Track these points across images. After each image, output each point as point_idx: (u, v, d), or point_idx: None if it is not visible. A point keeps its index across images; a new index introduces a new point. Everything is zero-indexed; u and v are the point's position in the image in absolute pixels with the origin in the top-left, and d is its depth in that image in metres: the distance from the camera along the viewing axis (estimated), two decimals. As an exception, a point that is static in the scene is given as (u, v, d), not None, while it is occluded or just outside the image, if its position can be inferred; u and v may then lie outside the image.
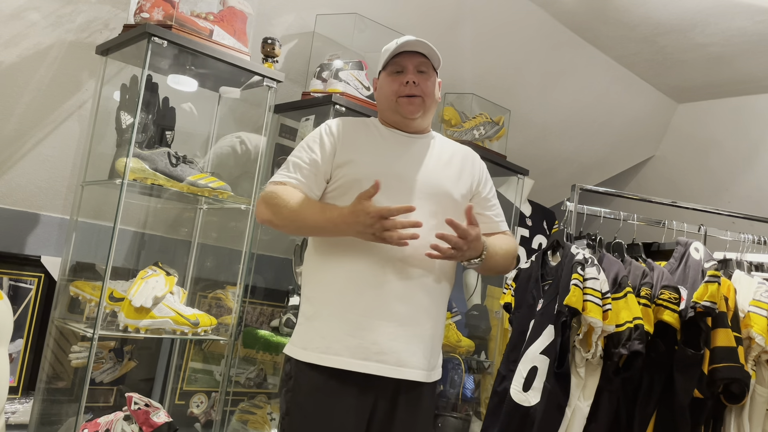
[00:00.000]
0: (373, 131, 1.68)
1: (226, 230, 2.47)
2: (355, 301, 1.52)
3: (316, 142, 1.62)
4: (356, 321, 1.51)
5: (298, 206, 1.53)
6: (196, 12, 2.05)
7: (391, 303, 1.53)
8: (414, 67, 1.63)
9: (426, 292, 1.58)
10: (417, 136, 1.69)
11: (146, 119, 1.97)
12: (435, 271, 1.60)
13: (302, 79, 2.56)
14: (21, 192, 2.18)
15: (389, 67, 1.65)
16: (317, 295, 1.58)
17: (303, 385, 1.53)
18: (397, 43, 1.63)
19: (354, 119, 1.72)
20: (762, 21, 2.75)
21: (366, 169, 1.57)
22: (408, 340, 1.53)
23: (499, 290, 3.05)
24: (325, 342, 1.52)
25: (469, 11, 2.82)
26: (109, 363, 2.27)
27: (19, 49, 2.00)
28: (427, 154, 1.67)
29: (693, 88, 3.56)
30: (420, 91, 1.63)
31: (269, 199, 1.57)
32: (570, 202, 2.31)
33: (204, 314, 2.08)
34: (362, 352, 1.50)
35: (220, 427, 2.27)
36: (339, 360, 1.50)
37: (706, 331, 1.94)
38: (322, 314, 1.55)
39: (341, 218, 1.48)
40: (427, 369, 1.58)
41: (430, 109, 1.68)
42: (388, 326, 1.52)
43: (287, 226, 1.59)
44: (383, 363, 1.51)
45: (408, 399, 1.56)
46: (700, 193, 3.82)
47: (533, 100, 3.35)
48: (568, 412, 1.91)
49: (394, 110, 1.65)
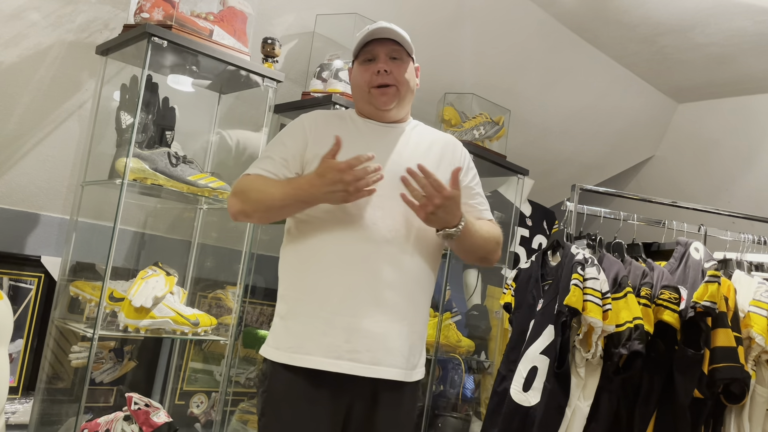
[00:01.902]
0: (348, 124, 1.63)
1: (226, 230, 2.47)
2: (327, 298, 1.47)
3: (288, 136, 1.60)
4: (328, 319, 1.46)
5: (264, 186, 1.50)
6: (196, 12, 2.05)
7: (364, 299, 1.47)
8: (386, 55, 1.57)
9: (402, 288, 1.52)
10: (394, 125, 1.64)
11: (146, 119, 1.97)
12: (413, 267, 1.54)
13: (302, 79, 2.56)
14: (21, 192, 2.18)
15: (361, 55, 1.60)
16: (290, 294, 1.54)
17: (278, 386, 1.49)
18: (368, 30, 1.58)
19: (330, 112, 1.69)
20: (762, 21, 2.74)
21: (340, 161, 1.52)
22: (383, 337, 1.47)
23: (499, 290, 3.05)
24: (298, 341, 1.47)
25: (469, 11, 2.82)
26: (109, 363, 2.27)
27: (19, 49, 2.00)
28: (403, 143, 1.61)
29: (693, 88, 3.56)
30: (393, 79, 1.57)
31: (237, 190, 1.53)
32: (570, 202, 2.31)
33: (204, 314, 2.08)
34: (334, 351, 1.45)
35: (220, 427, 2.27)
36: (311, 359, 1.45)
37: (706, 331, 1.95)
38: (295, 313, 1.51)
39: (308, 181, 1.44)
40: (405, 368, 1.52)
41: (405, 97, 1.61)
42: (362, 323, 1.46)
43: (257, 209, 1.52)
44: (357, 362, 1.45)
45: (387, 400, 1.50)
46: (700, 193, 3.81)
47: (533, 100, 3.35)
48: (568, 412, 1.91)
49: (367, 101, 1.60)
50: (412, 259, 1.53)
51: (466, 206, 1.63)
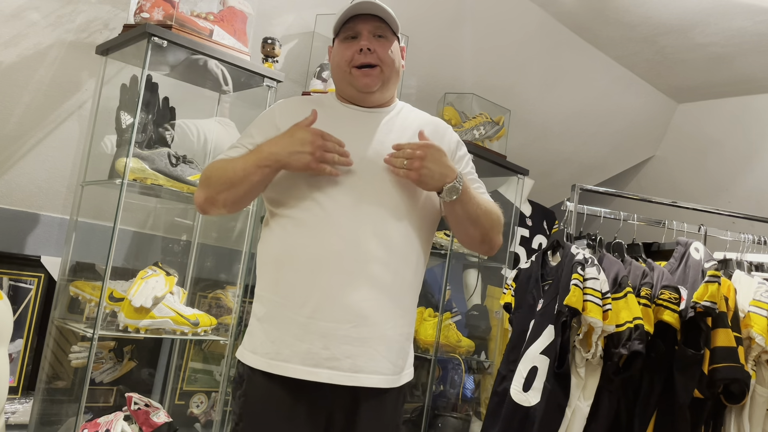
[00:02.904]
0: (327, 111, 1.48)
1: (226, 230, 2.47)
2: (304, 301, 1.36)
3: (256, 126, 1.50)
4: (305, 323, 1.35)
5: (226, 164, 1.40)
6: (196, 12, 2.05)
7: (343, 302, 1.35)
8: (369, 33, 1.45)
9: (387, 288, 1.40)
10: (377, 110, 1.52)
11: (146, 119, 1.97)
12: (399, 265, 1.42)
13: (302, 79, 2.56)
14: (21, 192, 2.18)
15: (342, 32, 1.48)
16: (266, 294, 1.43)
17: (254, 391, 1.40)
18: (351, 3, 1.45)
19: (306, 98, 1.58)
20: (762, 21, 2.74)
21: None
22: (364, 342, 1.36)
23: (499, 290, 3.05)
24: (275, 347, 1.37)
25: (469, 11, 2.82)
26: (109, 363, 2.27)
27: (19, 49, 2.00)
28: (387, 130, 1.48)
29: (693, 88, 3.56)
30: (376, 59, 1.44)
31: (200, 180, 1.45)
32: (570, 202, 2.31)
33: (204, 314, 2.08)
34: (312, 359, 1.34)
35: (220, 427, 2.27)
36: (288, 367, 1.35)
37: (706, 331, 1.95)
38: (271, 316, 1.40)
39: (273, 142, 1.36)
40: (390, 373, 1.41)
41: (390, 79, 1.49)
42: (340, 328, 1.35)
43: (221, 190, 1.40)
44: (335, 370, 1.34)
45: (368, 408, 1.39)
46: (700, 193, 3.82)
47: (533, 100, 3.35)
48: (568, 412, 1.91)
49: (348, 82, 1.48)
50: (397, 257, 1.42)
51: None
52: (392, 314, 1.41)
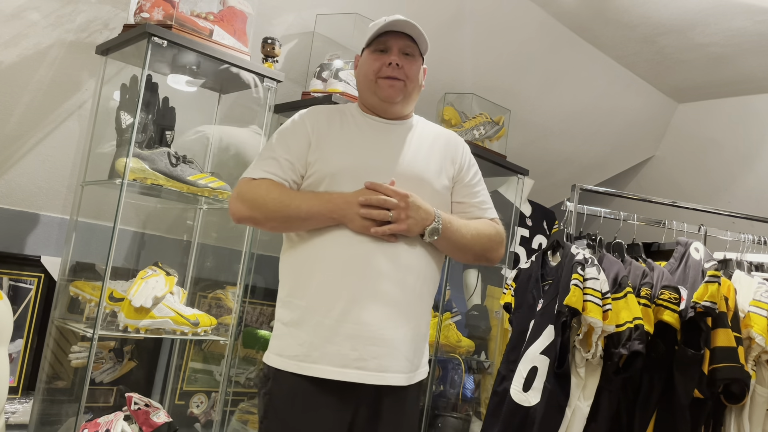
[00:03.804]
0: (349, 120, 1.58)
1: (226, 230, 2.47)
2: (332, 305, 1.44)
3: (291, 137, 1.55)
4: (333, 326, 1.43)
5: (283, 196, 1.47)
6: (196, 12, 2.05)
7: (369, 306, 1.44)
8: (399, 49, 1.55)
9: (406, 291, 1.49)
10: (396, 122, 1.61)
11: (146, 119, 1.97)
12: (418, 267, 1.52)
13: (302, 79, 2.56)
14: (21, 192, 2.18)
15: (373, 44, 1.57)
16: (293, 300, 1.50)
17: (281, 390, 1.47)
18: (386, 21, 1.54)
19: (329, 108, 1.64)
20: (762, 21, 2.74)
21: (341, 163, 1.51)
22: (388, 343, 1.45)
23: (499, 290, 3.05)
24: (303, 349, 1.45)
25: (469, 11, 2.82)
26: (109, 363, 2.27)
27: (19, 49, 2.00)
28: (405, 142, 1.58)
29: (693, 88, 3.56)
30: (403, 74, 1.54)
31: (247, 196, 1.49)
32: (570, 202, 2.31)
33: (204, 314, 2.08)
34: (341, 360, 1.43)
35: (220, 427, 2.27)
36: (317, 368, 1.43)
37: (706, 331, 1.95)
38: (299, 320, 1.47)
39: (345, 200, 1.45)
40: (409, 371, 1.50)
41: (411, 94, 1.59)
42: (367, 330, 1.44)
43: (273, 219, 1.48)
44: (363, 370, 1.43)
45: (390, 404, 1.48)
46: (700, 193, 3.82)
47: (533, 100, 3.35)
48: (568, 412, 1.91)
49: (372, 91, 1.57)
50: (417, 260, 1.52)
51: (464, 205, 1.63)
52: (414, 315, 1.51)
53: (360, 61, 1.62)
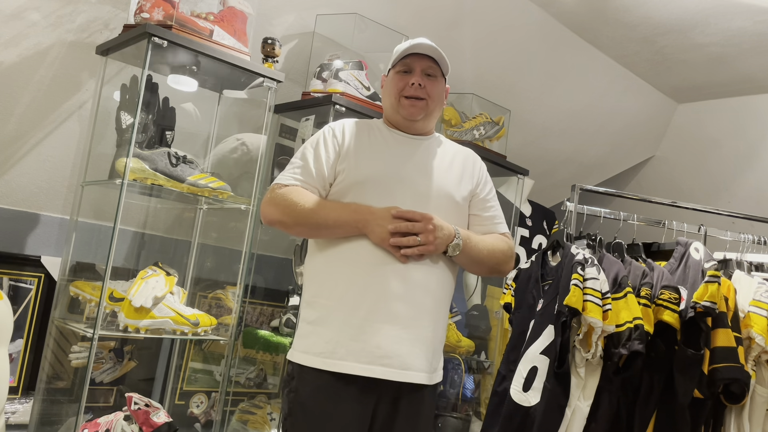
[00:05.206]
0: (376, 134, 1.69)
1: (226, 230, 2.47)
2: (357, 304, 1.52)
3: (320, 145, 1.64)
4: (359, 325, 1.51)
5: (313, 204, 1.55)
6: (196, 12, 2.05)
7: (393, 306, 1.53)
8: (422, 70, 1.65)
9: (428, 293, 1.58)
10: (420, 138, 1.71)
11: (146, 119, 1.97)
12: (436, 272, 1.61)
13: (302, 79, 2.56)
14: (21, 192, 2.18)
15: (398, 66, 1.67)
16: (319, 300, 1.58)
17: (305, 386, 1.53)
18: (410, 44, 1.66)
19: (358, 121, 1.72)
20: (762, 21, 2.75)
21: (368, 172, 1.60)
22: (411, 342, 1.53)
23: (499, 290, 3.05)
24: (329, 347, 1.52)
25: (469, 11, 2.82)
26: (109, 363, 2.27)
27: (19, 49, 2.00)
28: (429, 156, 1.68)
29: (693, 88, 3.56)
30: (425, 93, 1.64)
31: (279, 200, 1.57)
32: (570, 202, 2.31)
33: (204, 314, 2.08)
34: (366, 356, 1.50)
35: (220, 427, 2.27)
36: (343, 365, 1.50)
37: (706, 332, 1.94)
38: (325, 319, 1.55)
39: (371, 211, 1.53)
40: (429, 371, 1.58)
41: (433, 112, 1.69)
42: (392, 329, 1.52)
43: (302, 225, 1.57)
44: (387, 366, 1.51)
45: (409, 402, 1.56)
46: (700, 193, 3.82)
47: (533, 100, 3.35)
48: (568, 412, 1.90)
49: (396, 110, 1.67)
50: (438, 264, 1.60)
51: (479, 218, 1.73)
52: (435, 317, 1.60)
53: (386, 81, 1.73)
